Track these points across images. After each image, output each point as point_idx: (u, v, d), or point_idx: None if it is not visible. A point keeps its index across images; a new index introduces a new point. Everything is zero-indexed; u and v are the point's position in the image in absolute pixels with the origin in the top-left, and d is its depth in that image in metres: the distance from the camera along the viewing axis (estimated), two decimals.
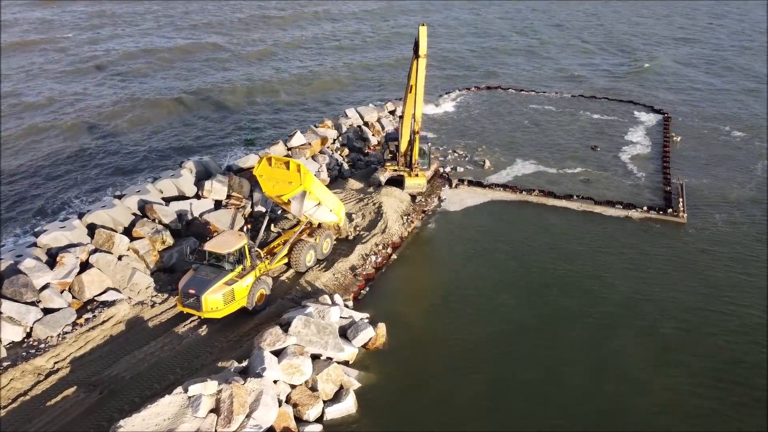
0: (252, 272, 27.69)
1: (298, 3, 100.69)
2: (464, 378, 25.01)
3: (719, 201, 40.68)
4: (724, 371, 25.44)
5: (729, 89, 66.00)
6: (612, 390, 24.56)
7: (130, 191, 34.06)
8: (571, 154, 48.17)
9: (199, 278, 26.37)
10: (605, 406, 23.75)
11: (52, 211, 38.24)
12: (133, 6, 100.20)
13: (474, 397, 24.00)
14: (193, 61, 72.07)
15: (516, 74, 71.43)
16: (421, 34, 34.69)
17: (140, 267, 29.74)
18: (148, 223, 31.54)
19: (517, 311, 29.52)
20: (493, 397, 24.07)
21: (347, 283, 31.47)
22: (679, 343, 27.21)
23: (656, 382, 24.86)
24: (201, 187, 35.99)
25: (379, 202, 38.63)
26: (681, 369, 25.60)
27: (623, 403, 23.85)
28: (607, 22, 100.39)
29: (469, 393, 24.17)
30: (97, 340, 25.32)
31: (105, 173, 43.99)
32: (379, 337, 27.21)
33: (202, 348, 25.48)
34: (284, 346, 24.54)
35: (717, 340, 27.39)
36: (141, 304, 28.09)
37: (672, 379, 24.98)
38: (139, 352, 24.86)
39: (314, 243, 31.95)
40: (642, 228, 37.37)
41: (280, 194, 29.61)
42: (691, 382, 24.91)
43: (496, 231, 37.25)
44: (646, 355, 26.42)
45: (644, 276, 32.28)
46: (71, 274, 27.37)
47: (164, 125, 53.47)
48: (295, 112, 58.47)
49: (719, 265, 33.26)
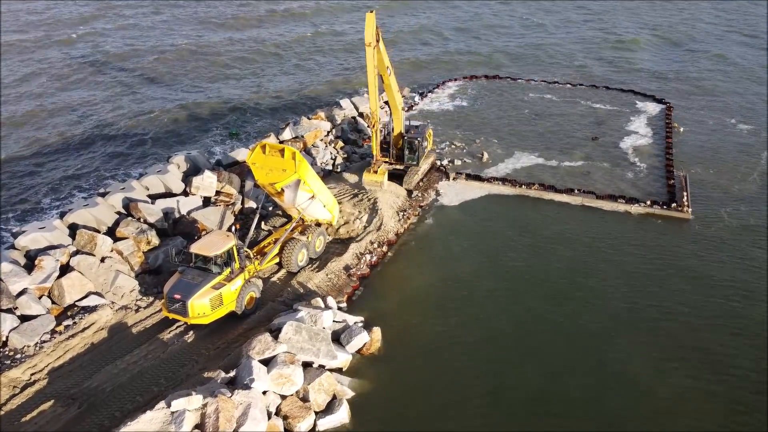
0: (241, 275, 26.45)
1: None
2: (462, 385, 23.93)
3: (724, 194, 39.49)
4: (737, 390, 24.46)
5: (735, 80, 64.44)
6: (615, 396, 23.61)
7: (114, 188, 32.68)
8: (571, 146, 46.85)
9: (185, 282, 25.12)
10: (608, 412, 22.81)
11: (30, 209, 36.89)
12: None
13: (473, 405, 22.96)
14: (186, 58, 70.11)
15: (516, 63, 69.82)
16: (366, 22, 32.94)
17: (124, 269, 28.46)
18: (132, 223, 30.21)
19: (516, 312, 28.47)
20: (492, 404, 23.06)
21: (341, 283, 30.27)
22: (683, 344, 26.22)
23: (660, 388, 23.90)
24: (189, 184, 34.63)
25: (374, 197, 37.33)
26: (686, 377, 24.61)
27: (627, 409, 22.92)
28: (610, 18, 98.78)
29: (468, 401, 23.12)
30: (77, 349, 24.11)
31: (87, 168, 42.50)
32: (374, 342, 26.09)
33: (187, 356, 24.29)
34: (274, 354, 23.40)
35: (723, 342, 26.37)
36: (124, 309, 26.87)
37: (676, 385, 24.01)
38: (121, 361, 23.66)
39: (306, 241, 30.71)
40: (646, 224, 36.20)
41: (274, 182, 28.42)
42: (694, 386, 24.05)
43: (494, 227, 36.07)
44: (649, 359, 25.45)
45: (648, 275, 31.18)
46: (50, 278, 26.08)
47: (147, 119, 51.73)
48: (288, 102, 56.83)
49: (727, 263, 32.10)
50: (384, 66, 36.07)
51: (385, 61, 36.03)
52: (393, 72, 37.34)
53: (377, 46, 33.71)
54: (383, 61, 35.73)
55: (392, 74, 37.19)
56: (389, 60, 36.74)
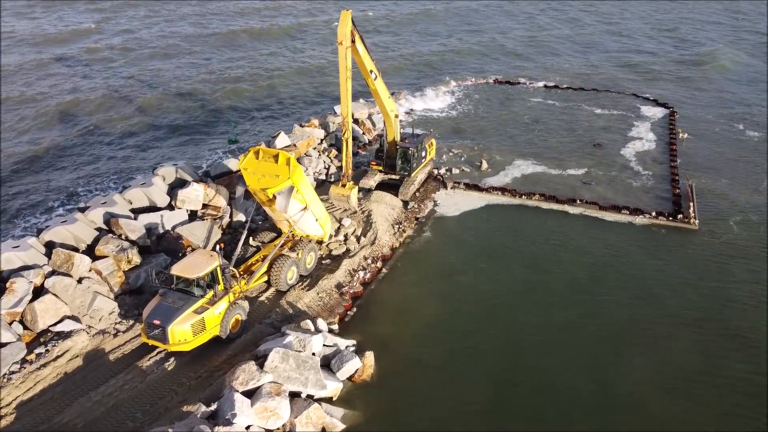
0: (225, 297, 24.91)
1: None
2: (461, 416, 22.42)
3: (732, 204, 37.98)
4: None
5: (741, 83, 62.89)
6: (620, 420, 22.26)
7: (95, 203, 31.07)
8: (573, 153, 45.34)
9: (166, 306, 23.60)
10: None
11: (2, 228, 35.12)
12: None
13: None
14: (175, 57, 68.65)
15: (517, 67, 68.36)
16: (340, 20, 30.94)
17: (103, 290, 26.92)
18: (112, 240, 28.65)
19: (518, 333, 27.04)
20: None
21: (332, 303, 28.76)
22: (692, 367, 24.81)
23: (667, 413, 22.50)
24: (174, 197, 33.10)
25: (368, 209, 35.81)
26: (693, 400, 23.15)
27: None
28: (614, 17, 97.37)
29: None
30: (48, 380, 22.54)
31: (67, 181, 40.55)
32: (367, 368, 24.59)
33: (167, 386, 22.73)
34: (259, 384, 21.87)
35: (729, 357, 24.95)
36: (102, 334, 25.30)
37: (681, 408, 22.62)
38: (95, 393, 22.09)
39: (296, 258, 29.18)
40: (651, 235, 34.75)
41: (266, 187, 26.98)
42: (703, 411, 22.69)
43: (494, 240, 34.60)
44: (653, 380, 24.19)
45: (655, 289, 29.82)
46: (23, 302, 24.50)
47: (137, 125, 50.24)
48: (281, 108, 55.32)
49: (739, 277, 30.65)
50: (366, 70, 34.28)
51: (367, 65, 34.08)
52: (380, 77, 35.50)
53: (352, 47, 31.90)
54: (364, 65, 33.98)
55: (378, 79, 35.18)
56: (373, 63, 34.61)
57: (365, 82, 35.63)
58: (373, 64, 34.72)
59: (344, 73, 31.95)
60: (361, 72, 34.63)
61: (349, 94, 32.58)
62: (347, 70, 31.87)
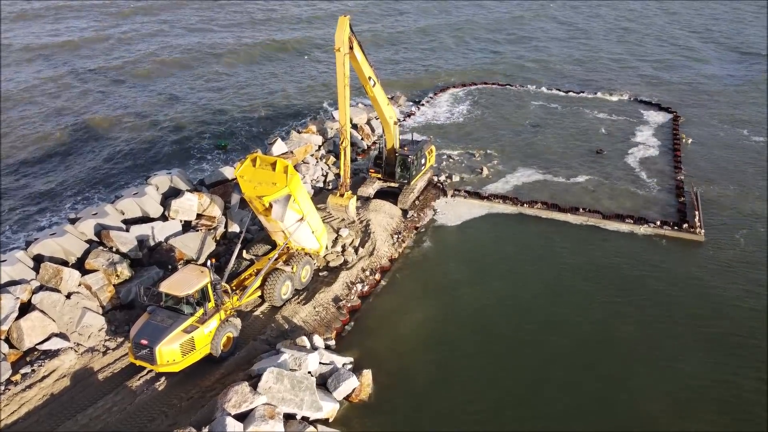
0: (216, 315, 24.10)
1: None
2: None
3: (738, 213, 37.18)
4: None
5: (746, 88, 61.87)
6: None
7: (86, 214, 30.19)
8: (575, 160, 44.51)
9: (154, 325, 22.80)
10: None
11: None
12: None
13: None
14: (170, 64, 67.69)
15: (517, 70, 67.48)
16: (338, 26, 30.03)
17: (93, 306, 26.10)
18: (103, 254, 27.84)
19: (520, 348, 26.27)
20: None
21: (329, 318, 27.97)
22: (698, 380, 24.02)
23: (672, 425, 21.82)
24: (168, 207, 32.27)
25: (366, 219, 35.01)
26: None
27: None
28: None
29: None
30: (34, 401, 21.76)
31: (57, 191, 39.69)
32: (364, 387, 23.83)
33: (157, 408, 21.95)
34: (252, 407, 21.08)
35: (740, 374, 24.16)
36: (91, 352, 24.51)
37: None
38: (83, 415, 21.32)
39: (291, 273, 28.36)
40: (655, 246, 33.96)
41: (262, 195, 26.23)
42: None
43: (495, 250, 33.85)
44: (662, 396, 23.42)
45: (662, 302, 29.05)
46: (8, 320, 23.71)
47: (128, 134, 49.11)
48: (277, 114, 54.41)
49: (749, 293, 29.82)
50: (365, 76, 33.46)
51: (366, 71, 33.24)
52: (379, 83, 34.71)
53: (350, 53, 31.12)
54: (362, 71, 33.16)
55: (377, 85, 34.36)
56: (372, 70, 33.81)
57: (364, 89, 34.84)
58: (372, 71, 33.92)
59: (342, 80, 31.12)
60: (360, 79, 33.84)
61: (347, 101, 31.79)
62: (345, 77, 31.07)
